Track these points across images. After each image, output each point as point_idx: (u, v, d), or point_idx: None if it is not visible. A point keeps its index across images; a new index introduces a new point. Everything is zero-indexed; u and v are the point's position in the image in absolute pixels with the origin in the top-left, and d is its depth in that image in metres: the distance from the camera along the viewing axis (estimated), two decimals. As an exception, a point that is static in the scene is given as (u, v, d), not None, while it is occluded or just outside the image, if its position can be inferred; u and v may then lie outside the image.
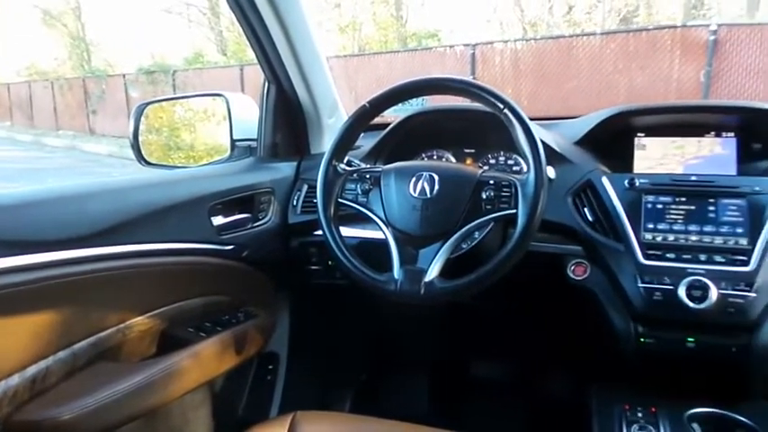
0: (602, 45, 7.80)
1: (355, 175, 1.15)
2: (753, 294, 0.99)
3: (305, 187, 1.39)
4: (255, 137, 1.47)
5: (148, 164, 1.51)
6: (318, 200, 1.12)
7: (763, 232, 1.03)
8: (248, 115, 1.49)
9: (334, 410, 1.64)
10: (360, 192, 1.13)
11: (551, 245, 1.19)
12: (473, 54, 8.58)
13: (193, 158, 1.83)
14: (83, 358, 0.93)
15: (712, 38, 6.89)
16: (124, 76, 14.28)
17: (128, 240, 1.01)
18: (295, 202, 1.39)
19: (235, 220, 1.28)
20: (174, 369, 1.03)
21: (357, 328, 1.77)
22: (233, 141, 1.49)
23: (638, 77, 7.53)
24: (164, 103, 1.89)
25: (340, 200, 1.13)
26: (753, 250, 1.02)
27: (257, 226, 1.32)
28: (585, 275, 1.15)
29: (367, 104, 1.15)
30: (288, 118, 1.46)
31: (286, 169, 1.43)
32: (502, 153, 1.38)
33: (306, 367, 1.56)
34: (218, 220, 1.23)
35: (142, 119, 1.51)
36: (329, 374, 1.69)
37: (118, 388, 0.93)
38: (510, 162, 1.37)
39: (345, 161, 1.19)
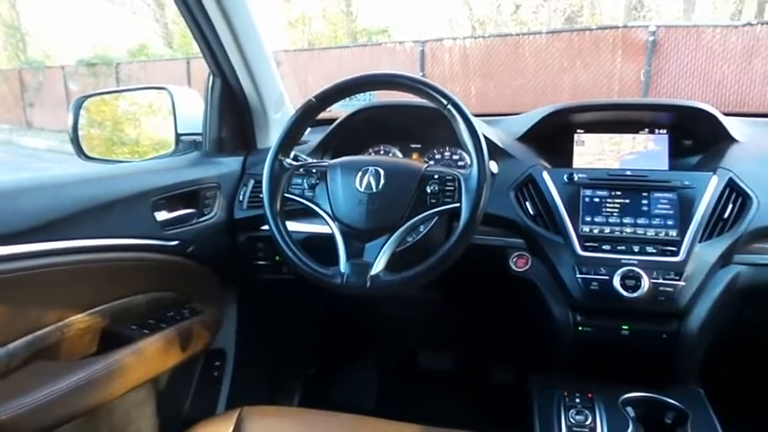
0: (548, 44, 7.98)
1: (302, 169, 1.15)
2: (682, 283, 1.04)
3: (251, 182, 1.38)
4: (201, 131, 1.45)
5: (89, 158, 1.47)
6: (264, 195, 1.12)
7: (692, 224, 1.08)
8: (193, 109, 1.47)
9: (282, 405, 1.64)
10: (306, 186, 1.13)
11: (494, 238, 1.22)
12: (422, 51, 8.64)
13: (138, 154, 1.78)
14: (18, 357, 0.90)
15: (651, 38, 7.15)
16: (63, 67, 13.71)
17: (66, 236, 0.98)
18: (241, 197, 1.38)
19: (179, 216, 1.26)
20: (115, 367, 1.01)
21: (305, 323, 1.77)
22: (177, 136, 1.46)
23: (582, 76, 7.75)
24: (106, 97, 1.83)
25: (286, 195, 1.13)
26: (682, 242, 1.07)
27: (203, 221, 1.30)
28: (527, 267, 1.19)
29: (313, 99, 1.15)
30: (234, 112, 1.44)
31: (232, 164, 1.42)
32: (447, 148, 1.41)
33: (254, 363, 1.55)
34: (161, 216, 1.21)
35: (82, 112, 1.46)
36: (278, 369, 1.69)
37: (56, 387, 0.90)
38: (455, 157, 1.40)
39: (292, 156, 1.19)
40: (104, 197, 1.07)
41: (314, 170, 1.14)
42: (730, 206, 1.09)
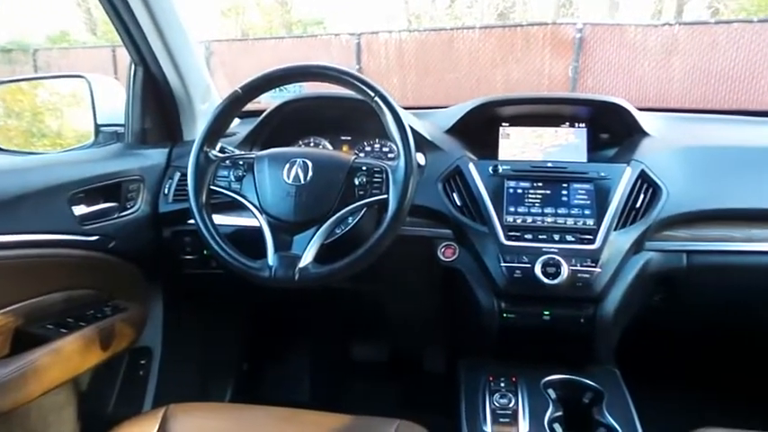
0: (481, 39, 8.11)
1: (228, 161, 1.14)
2: (598, 270, 1.10)
3: (177, 175, 1.34)
4: (123, 122, 1.40)
5: (1, 150, 1.40)
6: (189, 187, 1.10)
7: (607, 214, 1.14)
8: (114, 99, 1.42)
9: (214, 402, 1.61)
10: (233, 179, 1.12)
11: (423, 228, 1.24)
12: (358, 43, 8.60)
13: (61, 146, 1.71)
14: None
15: (578, 35, 7.38)
16: (-28, 53, 12.84)
17: None
18: (166, 191, 1.34)
19: (100, 210, 1.22)
20: (29, 368, 0.96)
21: (236, 317, 1.74)
22: (97, 126, 1.41)
23: (513, 71, 7.93)
24: (23, 86, 1.74)
25: (212, 187, 1.11)
26: (598, 230, 1.13)
27: (125, 215, 1.26)
28: (454, 257, 1.21)
29: (239, 90, 1.13)
30: (157, 102, 1.40)
31: (156, 156, 1.37)
32: (377, 140, 1.41)
33: (183, 360, 1.52)
34: (80, 210, 1.16)
35: (-6, 101, 1.39)
36: (208, 366, 1.66)
37: None
38: (385, 149, 1.41)
39: (218, 148, 1.17)
40: (14, 190, 1.02)
41: (241, 162, 1.13)
42: (642, 196, 1.15)
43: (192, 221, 1.16)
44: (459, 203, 1.21)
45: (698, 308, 1.32)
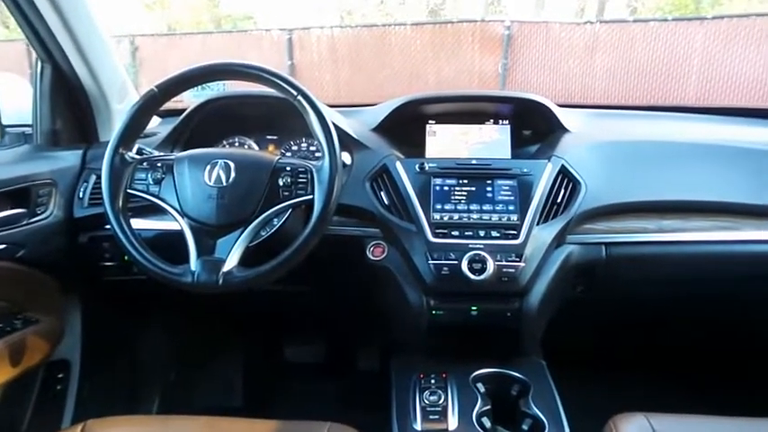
0: (413, 35, 8.18)
1: (146, 163, 1.09)
2: (522, 264, 1.12)
3: (92, 178, 1.28)
4: (31, 122, 1.32)
5: None
6: (104, 191, 1.05)
7: (530, 209, 1.16)
8: (21, 98, 1.33)
9: (140, 415, 1.55)
10: (151, 181, 1.08)
11: (351, 228, 1.23)
12: (290, 39, 8.49)
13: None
14: None
15: (507, 33, 7.57)
16: None
17: None
18: (81, 195, 1.28)
19: (6, 216, 1.15)
20: None
21: (161, 325, 1.68)
22: (2, 127, 1.32)
23: (445, 68, 8.04)
24: None
25: (129, 191, 1.07)
26: (522, 225, 1.15)
27: (36, 222, 1.19)
28: (383, 256, 1.21)
29: (155, 89, 1.09)
30: (69, 102, 1.33)
31: (70, 158, 1.30)
32: (304, 140, 1.39)
33: (105, 372, 1.45)
34: None
35: None
36: (134, 376, 1.59)
37: None
38: (312, 148, 1.39)
39: (135, 149, 1.12)
40: None
41: (159, 164, 1.09)
42: (563, 191, 1.18)
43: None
44: (386, 202, 1.21)
45: (618, 297, 1.38)
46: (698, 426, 0.99)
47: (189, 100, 1.37)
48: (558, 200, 1.18)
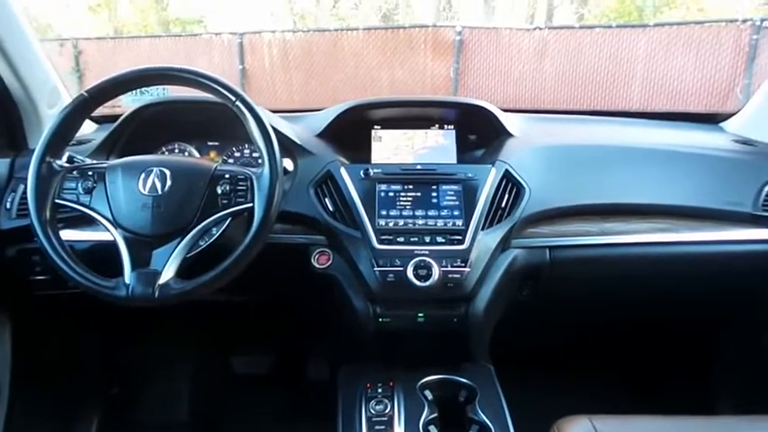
0: (366, 40, 8.19)
1: (75, 172, 1.04)
2: (467, 269, 1.12)
3: (20, 187, 1.22)
4: None
5: None
6: (30, 202, 1.00)
7: (475, 214, 1.16)
8: None
9: None
10: (81, 191, 1.03)
11: (296, 236, 1.21)
12: (241, 43, 8.38)
13: None
14: None
15: (458, 38, 7.66)
16: None
17: None
18: (9, 205, 1.22)
19: None
20: None
21: (100, 339, 1.61)
22: None
23: (398, 72, 8.08)
24: None
25: (57, 200, 1.02)
26: (467, 230, 1.15)
27: None
28: (329, 263, 1.19)
29: (85, 93, 1.05)
30: None
31: None
32: (246, 146, 1.36)
33: (38, 393, 1.38)
34: None
35: None
36: (71, 395, 1.52)
37: None
38: (255, 155, 1.36)
39: (65, 157, 1.07)
40: None
41: (90, 172, 1.05)
42: (507, 196, 1.19)
43: None
44: (331, 209, 1.19)
45: (563, 300, 1.40)
46: (640, 426, 1.01)
47: (127, 105, 1.32)
48: (503, 204, 1.18)
